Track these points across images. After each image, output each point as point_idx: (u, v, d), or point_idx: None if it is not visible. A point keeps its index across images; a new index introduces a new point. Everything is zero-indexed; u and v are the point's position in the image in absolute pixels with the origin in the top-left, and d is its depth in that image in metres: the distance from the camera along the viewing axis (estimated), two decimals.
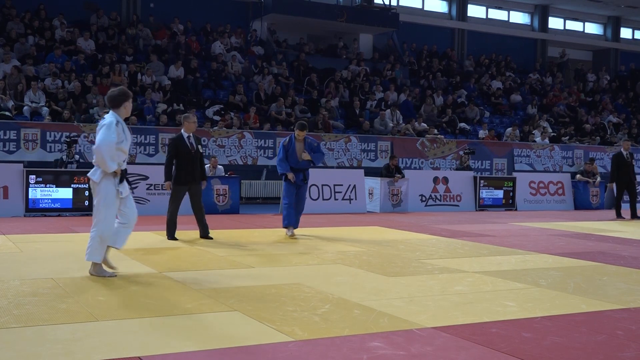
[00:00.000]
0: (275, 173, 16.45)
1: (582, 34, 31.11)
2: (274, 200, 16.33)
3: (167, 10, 21.96)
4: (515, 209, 16.67)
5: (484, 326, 4.79)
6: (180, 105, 17.70)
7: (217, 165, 14.34)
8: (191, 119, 9.37)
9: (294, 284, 6.20)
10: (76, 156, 13.59)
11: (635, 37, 32.66)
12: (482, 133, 20.66)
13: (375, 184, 15.35)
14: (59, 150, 14.51)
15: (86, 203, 12.61)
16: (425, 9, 27.49)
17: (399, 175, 15.34)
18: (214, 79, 19.80)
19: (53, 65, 17.28)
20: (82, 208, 12.58)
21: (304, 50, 22.94)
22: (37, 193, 12.33)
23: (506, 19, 29.41)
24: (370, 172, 16.14)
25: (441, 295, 5.87)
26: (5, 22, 18.91)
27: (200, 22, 22.36)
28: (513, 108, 24.16)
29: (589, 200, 17.76)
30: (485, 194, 16.46)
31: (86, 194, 12.62)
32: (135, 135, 15.02)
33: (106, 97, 6.53)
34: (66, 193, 12.53)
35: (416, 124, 19.80)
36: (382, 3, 24.76)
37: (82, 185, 12.60)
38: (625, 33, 32.08)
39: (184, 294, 5.68)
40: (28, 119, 15.53)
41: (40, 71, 17.38)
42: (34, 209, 12.30)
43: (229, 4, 23.54)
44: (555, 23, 30.38)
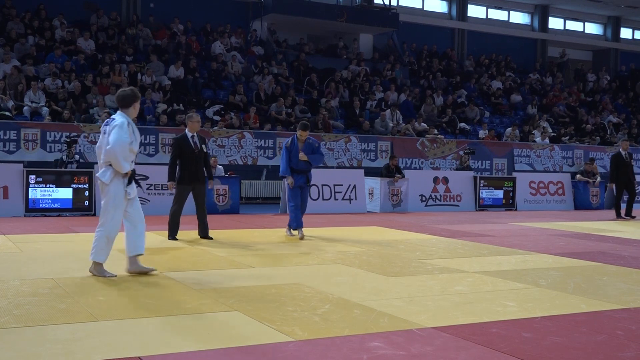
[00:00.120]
0: (275, 173, 16.59)
1: (582, 34, 31.11)
2: (274, 200, 16.34)
3: (167, 10, 21.96)
4: (515, 209, 16.67)
5: (484, 326, 4.79)
6: (180, 105, 17.69)
7: (217, 165, 14.34)
8: (194, 119, 9.39)
9: (294, 284, 6.20)
10: (76, 156, 13.59)
11: (635, 37, 32.66)
12: (482, 133, 20.66)
13: (375, 184, 15.36)
14: (59, 150, 14.51)
15: (86, 203, 12.63)
16: (425, 9, 27.49)
17: (399, 175, 15.34)
18: (214, 79, 19.79)
19: (53, 65, 17.28)
20: (82, 208, 12.59)
21: (304, 50, 22.94)
22: (37, 193, 12.33)
23: (506, 19, 29.41)
24: (370, 172, 16.15)
25: (441, 295, 5.87)
26: (5, 22, 18.91)
27: (200, 22, 22.36)
28: (513, 108, 24.15)
29: (589, 200, 17.76)
30: (485, 194, 16.46)
31: (86, 194, 12.63)
32: None
33: (116, 97, 6.50)
34: (66, 193, 12.53)
35: (416, 124, 19.80)
36: (382, 3, 24.76)
37: (82, 185, 12.61)
38: (625, 33, 32.08)
39: (184, 294, 5.68)
40: (28, 119, 15.53)
41: (40, 71, 17.38)
42: (34, 209, 12.30)
43: (229, 4, 23.54)
44: (555, 23, 30.38)
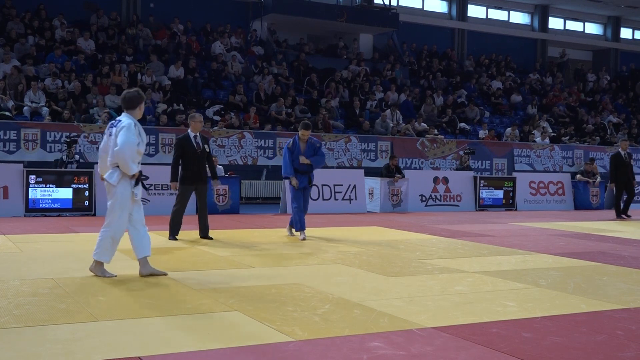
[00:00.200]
0: (275, 173, 16.60)
1: (582, 34, 31.11)
2: (274, 200, 16.33)
3: (167, 10, 21.96)
4: (515, 209, 16.66)
5: (484, 326, 4.79)
6: (180, 105, 17.69)
7: (218, 165, 14.33)
8: (197, 119, 9.41)
9: (294, 284, 6.20)
10: (76, 156, 13.59)
11: (635, 37, 32.66)
12: (482, 133, 20.66)
13: (375, 184, 15.35)
14: (59, 150, 14.51)
15: (86, 203, 12.63)
16: (425, 9, 27.50)
17: (399, 175, 15.34)
18: (214, 79, 19.79)
19: (53, 65, 17.28)
20: (82, 208, 12.59)
21: (304, 50, 22.94)
22: (37, 193, 12.33)
23: (506, 19, 29.42)
24: (370, 172, 16.15)
25: (441, 295, 5.87)
26: (5, 22, 18.91)
27: (200, 22, 22.36)
28: (513, 108, 24.15)
29: (589, 200, 17.75)
30: (485, 194, 16.46)
31: (86, 194, 12.63)
32: None
33: (121, 99, 6.45)
34: (66, 193, 12.53)
35: (416, 124, 19.80)
36: (382, 3, 24.76)
37: (82, 185, 12.61)
38: (625, 33, 32.08)
39: (184, 294, 5.68)
40: (28, 119, 15.53)
41: (40, 71, 17.38)
42: (34, 209, 12.30)
43: (229, 4, 23.54)
44: (555, 23, 30.38)
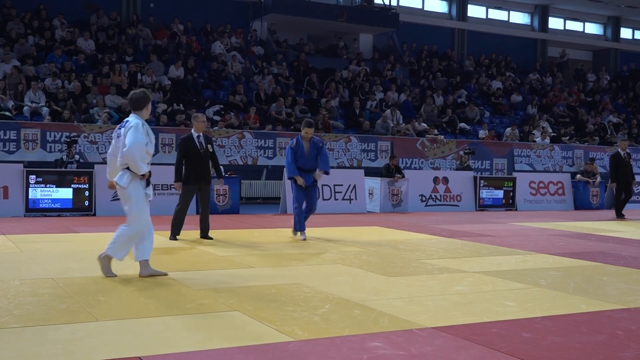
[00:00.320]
0: (275, 173, 16.60)
1: (582, 34, 31.11)
2: (274, 200, 16.33)
3: (167, 10, 21.96)
4: (515, 209, 16.66)
5: (484, 326, 4.79)
6: (180, 105, 17.69)
7: None
8: (200, 119, 9.41)
9: (294, 284, 6.20)
10: (76, 156, 13.59)
11: (635, 37, 32.66)
12: (482, 133, 20.66)
13: (375, 184, 15.35)
14: (59, 150, 14.51)
15: (86, 203, 12.62)
16: (425, 9, 27.49)
17: (399, 175, 15.34)
18: (214, 79, 19.79)
19: (53, 65, 17.27)
20: (82, 208, 12.59)
21: (304, 50, 22.94)
22: (37, 193, 12.33)
23: (506, 19, 29.41)
24: (370, 172, 16.14)
25: (441, 295, 5.87)
26: (5, 22, 18.90)
27: (200, 22, 22.36)
28: (513, 108, 24.15)
29: (589, 200, 17.75)
30: (485, 194, 16.45)
31: (86, 194, 12.63)
32: None
33: (128, 100, 6.46)
34: (66, 193, 12.52)
35: (416, 124, 19.80)
36: (382, 3, 24.76)
37: (82, 185, 12.61)
38: (625, 33, 32.07)
39: (185, 294, 5.68)
40: (28, 119, 15.53)
41: (40, 71, 17.37)
42: (34, 209, 12.30)
43: (229, 4, 23.54)
44: (555, 23, 30.38)
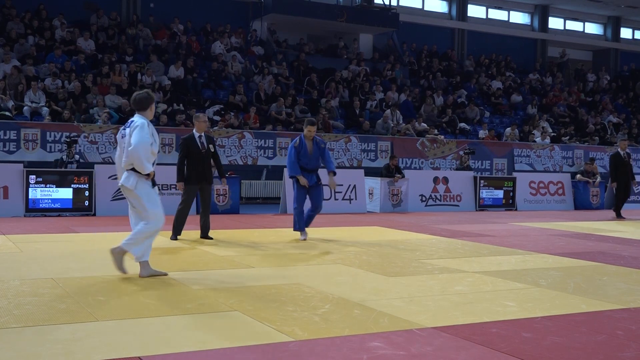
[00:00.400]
0: (275, 173, 16.59)
1: (582, 34, 31.11)
2: (274, 200, 16.34)
3: (167, 10, 21.96)
4: (515, 209, 16.66)
5: (484, 326, 4.79)
6: (180, 105, 17.69)
7: None
8: (201, 119, 9.42)
9: (294, 284, 6.20)
10: (76, 156, 13.59)
11: (635, 37, 32.66)
12: (482, 133, 20.66)
13: (375, 184, 15.35)
14: (59, 150, 14.51)
15: (86, 203, 12.62)
16: (425, 9, 27.49)
17: (399, 175, 15.34)
18: (214, 79, 19.79)
19: (53, 65, 17.27)
20: (82, 208, 12.59)
21: (304, 50, 22.94)
22: (37, 193, 12.33)
23: (506, 19, 29.41)
24: (370, 172, 16.14)
25: (441, 295, 5.87)
26: (5, 22, 18.90)
27: (200, 22, 22.36)
28: (513, 108, 24.15)
29: (589, 200, 17.75)
30: (485, 194, 16.45)
31: (86, 194, 12.63)
32: None
33: (132, 101, 6.43)
34: (66, 193, 12.52)
35: (416, 124, 19.80)
36: (382, 3, 24.76)
37: (82, 185, 12.61)
38: (625, 33, 32.07)
39: (184, 294, 5.68)
40: (28, 119, 15.53)
41: (40, 71, 17.37)
42: (34, 209, 12.30)
43: (229, 4, 23.54)
44: (555, 23, 30.38)
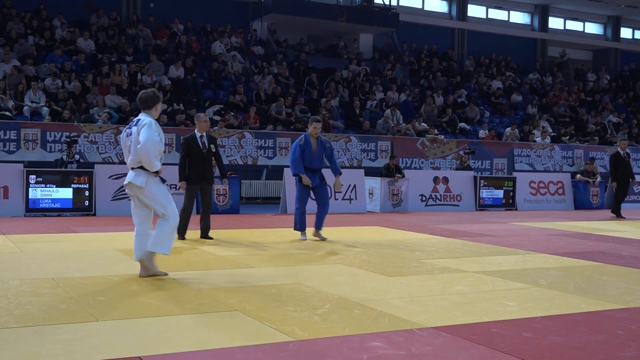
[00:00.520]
0: (276, 173, 16.59)
1: (582, 33, 31.11)
2: (274, 200, 16.33)
3: (167, 10, 21.96)
4: (516, 209, 16.66)
5: (484, 326, 4.79)
6: (180, 105, 17.69)
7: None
8: (202, 119, 9.43)
9: (294, 284, 6.20)
10: (76, 156, 13.59)
11: (635, 37, 32.66)
12: (482, 133, 20.66)
13: (376, 184, 15.35)
14: (59, 150, 14.51)
15: (86, 203, 12.62)
16: (425, 8, 27.49)
17: (399, 175, 15.34)
18: (214, 79, 19.80)
19: (53, 65, 17.27)
20: (82, 208, 12.59)
21: (304, 50, 22.94)
22: (37, 193, 12.33)
23: (506, 19, 29.42)
24: (370, 172, 16.14)
25: (441, 295, 5.86)
26: (5, 22, 18.91)
27: (200, 22, 22.36)
28: (513, 108, 24.16)
29: (589, 200, 17.75)
30: (485, 193, 16.45)
31: (86, 194, 12.63)
32: None
33: (138, 99, 6.40)
34: (66, 193, 12.52)
35: (416, 124, 19.80)
36: (382, 3, 24.76)
37: (82, 185, 12.61)
38: (625, 33, 32.07)
39: (184, 294, 5.68)
40: (28, 119, 15.53)
41: (40, 71, 17.37)
42: (34, 209, 12.30)
43: (229, 4, 23.55)
44: (555, 23, 30.38)
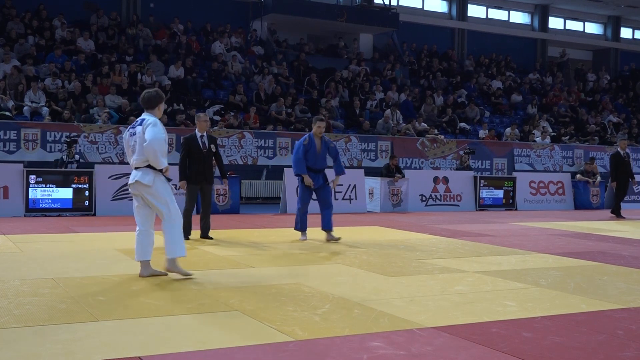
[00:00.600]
0: (276, 173, 16.59)
1: (582, 33, 31.11)
2: (274, 200, 16.33)
3: (167, 10, 21.96)
4: (516, 209, 16.66)
5: (484, 326, 4.79)
6: (181, 105, 17.69)
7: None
8: (202, 118, 9.44)
9: (294, 284, 6.20)
10: (76, 156, 13.59)
11: (635, 37, 32.66)
12: (482, 133, 20.66)
13: (376, 184, 15.35)
14: (59, 150, 14.51)
15: (86, 203, 12.62)
16: (425, 8, 27.49)
17: (399, 175, 15.33)
18: (214, 79, 19.80)
19: (53, 65, 17.27)
20: (82, 208, 12.59)
21: (304, 50, 22.94)
22: (37, 193, 12.33)
23: (506, 19, 29.42)
24: (370, 172, 16.14)
25: (441, 295, 5.86)
26: (5, 22, 18.91)
27: (200, 22, 22.36)
28: (513, 108, 24.15)
29: (589, 200, 17.75)
30: (485, 193, 16.45)
31: (86, 194, 12.63)
32: None
33: (141, 99, 6.39)
34: (66, 193, 12.52)
35: (416, 124, 19.80)
36: (382, 3, 24.76)
37: (83, 185, 12.61)
38: (625, 33, 32.07)
39: (184, 294, 5.68)
40: (28, 119, 15.53)
41: (40, 71, 17.37)
42: (34, 209, 12.30)
43: (229, 4, 23.55)
44: (555, 23, 30.38)
